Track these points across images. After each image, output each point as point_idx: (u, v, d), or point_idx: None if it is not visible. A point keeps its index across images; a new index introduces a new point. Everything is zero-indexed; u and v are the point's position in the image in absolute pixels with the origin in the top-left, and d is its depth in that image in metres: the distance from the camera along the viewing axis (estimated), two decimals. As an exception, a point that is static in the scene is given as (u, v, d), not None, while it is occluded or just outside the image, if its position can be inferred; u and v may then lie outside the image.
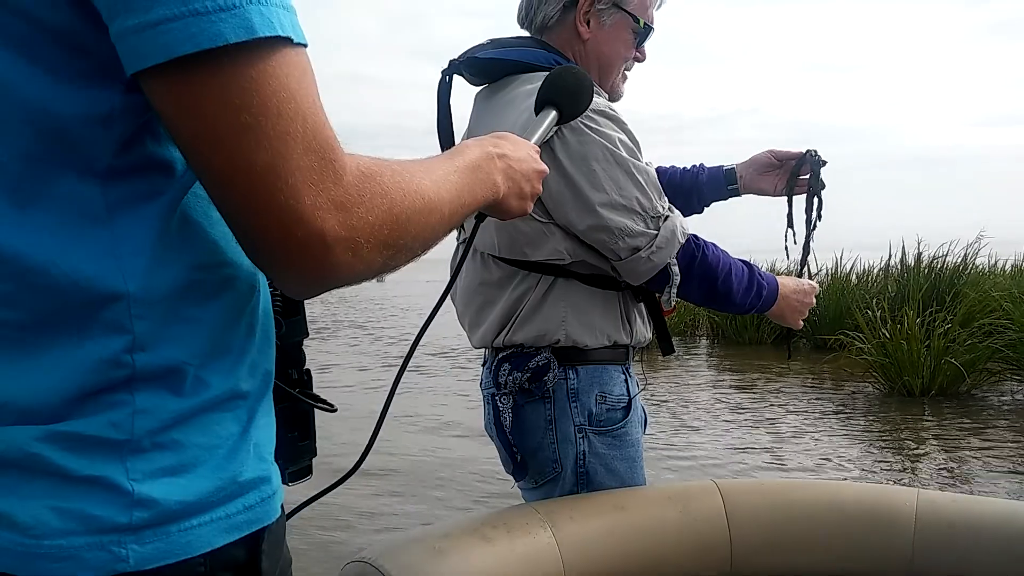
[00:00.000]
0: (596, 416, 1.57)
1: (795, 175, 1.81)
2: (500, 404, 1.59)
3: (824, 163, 1.79)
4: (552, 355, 1.56)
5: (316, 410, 0.86)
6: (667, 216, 1.52)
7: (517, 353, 1.58)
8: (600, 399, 1.58)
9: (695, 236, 1.57)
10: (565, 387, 1.57)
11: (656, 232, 1.50)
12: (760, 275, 1.64)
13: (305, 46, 0.58)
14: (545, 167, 0.97)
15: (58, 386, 0.58)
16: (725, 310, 1.68)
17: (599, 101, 1.53)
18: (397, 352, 10.33)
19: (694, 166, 1.94)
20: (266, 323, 0.70)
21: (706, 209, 1.95)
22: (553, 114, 1.13)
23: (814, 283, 1.75)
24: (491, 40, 1.65)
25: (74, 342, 0.58)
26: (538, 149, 1.00)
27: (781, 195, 1.85)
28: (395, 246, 0.64)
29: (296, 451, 0.82)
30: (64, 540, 0.57)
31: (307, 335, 0.84)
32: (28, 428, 0.57)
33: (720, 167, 1.91)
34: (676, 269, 1.53)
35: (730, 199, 1.92)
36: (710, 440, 5.51)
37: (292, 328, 0.81)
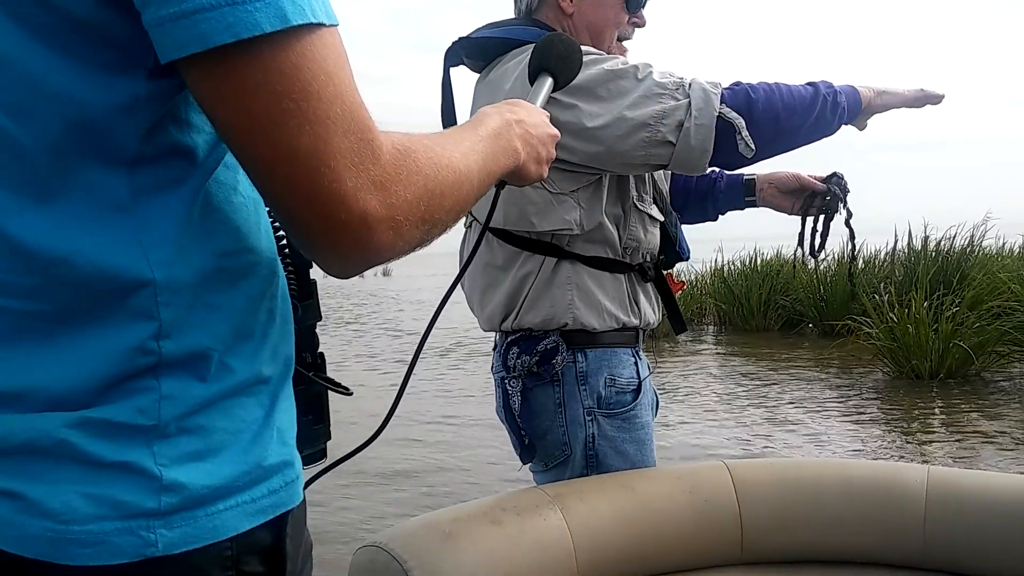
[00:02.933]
0: (605, 399, 1.57)
1: (812, 198, 1.80)
2: (509, 387, 1.59)
3: (848, 191, 1.79)
4: (560, 338, 1.56)
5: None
6: (690, 82, 1.46)
7: (525, 336, 1.58)
8: (609, 382, 1.58)
9: (734, 83, 1.50)
10: (574, 370, 1.56)
11: (688, 99, 1.44)
12: (826, 83, 1.52)
13: (336, 26, 0.59)
14: (557, 132, 0.98)
15: (86, 374, 0.58)
16: (808, 132, 1.50)
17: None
18: (379, 345, 10.34)
19: (712, 172, 1.87)
20: (285, 308, 0.71)
21: (721, 217, 1.93)
22: (549, 80, 1.14)
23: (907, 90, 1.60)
24: (487, 24, 1.66)
25: (101, 330, 0.59)
26: (547, 114, 1.00)
27: (797, 215, 1.83)
28: (431, 220, 0.65)
29: (311, 434, 0.81)
30: (94, 525, 0.58)
31: (320, 319, 0.84)
32: (56, 415, 0.58)
33: (740, 176, 1.86)
34: (733, 114, 1.43)
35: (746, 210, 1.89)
36: (718, 425, 5.51)
37: (307, 312, 0.81)
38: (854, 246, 1.84)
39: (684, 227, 1.76)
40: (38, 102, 0.56)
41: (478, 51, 1.63)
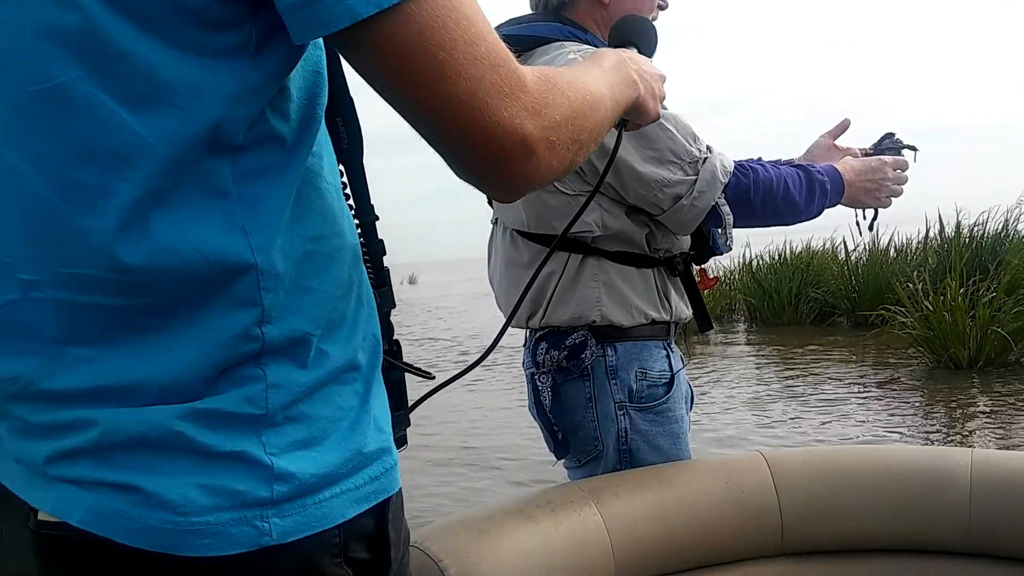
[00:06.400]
0: (637, 393, 1.55)
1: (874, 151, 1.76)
2: (540, 383, 1.58)
3: (903, 147, 1.72)
4: (589, 332, 1.55)
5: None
6: (705, 158, 1.50)
7: (554, 332, 1.57)
8: (640, 375, 1.56)
9: (740, 164, 1.54)
10: (604, 364, 1.55)
11: (695, 177, 1.48)
12: (819, 172, 1.59)
13: None
14: (664, 72, 1.03)
15: (194, 363, 0.59)
16: (797, 222, 1.63)
17: None
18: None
19: (749, 160, 1.89)
20: (369, 294, 0.72)
21: None
22: (634, 51, 1.15)
23: (884, 156, 1.68)
24: (509, 20, 1.65)
25: (206, 319, 0.59)
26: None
27: None
28: (579, 140, 0.69)
29: (392, 421, 0.81)
30: (212, 516, 0.58)
31: (395, 306, 0.84)
32: (167, 407, 0.59)
33: (778, 160, 1.86)
34: (726, 209, 1.51)
35: None
36: (753, 419, 5.46)
37: (383, 299, 0.81)
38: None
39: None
40: (157, 94, 0.57)
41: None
